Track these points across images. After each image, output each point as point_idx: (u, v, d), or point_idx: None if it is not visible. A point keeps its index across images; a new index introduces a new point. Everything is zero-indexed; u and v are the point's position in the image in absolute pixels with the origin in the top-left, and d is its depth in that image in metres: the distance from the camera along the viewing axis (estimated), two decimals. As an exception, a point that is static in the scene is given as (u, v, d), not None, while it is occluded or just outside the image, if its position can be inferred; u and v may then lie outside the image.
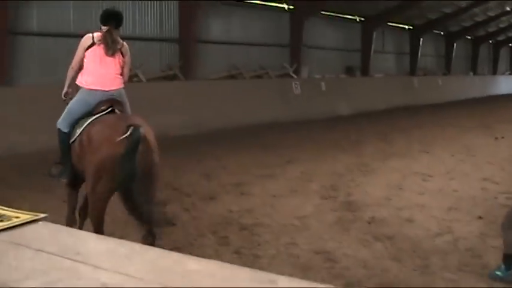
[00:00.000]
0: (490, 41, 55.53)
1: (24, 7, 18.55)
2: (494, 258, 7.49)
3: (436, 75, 43.64)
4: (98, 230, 6.58)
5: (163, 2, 22.83)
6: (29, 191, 10.74)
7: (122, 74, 7.55)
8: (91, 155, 6.56)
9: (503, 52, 60.42)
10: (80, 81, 7.40)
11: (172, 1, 23.04)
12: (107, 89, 7.24)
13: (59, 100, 8.06)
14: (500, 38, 56.21)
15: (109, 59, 7.36)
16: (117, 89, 7.39)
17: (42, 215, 2.25)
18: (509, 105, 35.04)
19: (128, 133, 6.20)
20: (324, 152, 16.15)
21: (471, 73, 51.71)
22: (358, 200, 10.39)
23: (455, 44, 47.43)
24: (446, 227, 8.76)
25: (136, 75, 20.92)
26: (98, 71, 7.28)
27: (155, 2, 22.48)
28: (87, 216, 7.30)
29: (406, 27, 40.92)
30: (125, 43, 7.90)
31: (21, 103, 16.10)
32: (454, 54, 47.55)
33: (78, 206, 7.75)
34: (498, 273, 6.74)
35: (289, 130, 21.19)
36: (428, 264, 7.23)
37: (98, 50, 7.33)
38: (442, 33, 46.29)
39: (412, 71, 40.77)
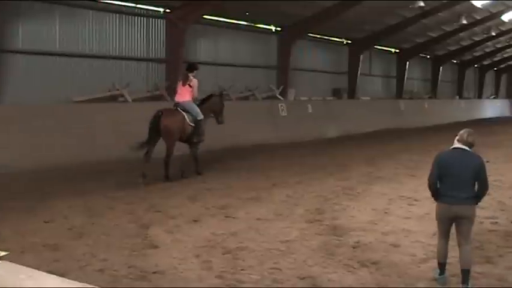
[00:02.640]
0: (476, 65, 55.88)
1: (9, 24, 18.43)
2: (479, 284, 7.44)
3: (422, 98, 43.82)
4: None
5: (151, 20, 22.76)
6: (11, 212, 10.65)
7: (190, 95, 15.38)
8: None
9: (489, 76, 60.79)
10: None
11: (159, 20, 22.97)
12: (180, 101, 15.38)
13: (44, 119, 8.08)
14: (486, 62, 56.59)
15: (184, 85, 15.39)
16: (186, 101, 15.30)
17: (3, 253, 2.15)
18: (495, 130, 35.16)
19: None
20: (310, 175, 16.06)
21: (457, 97, 51.97)
22: (344, 225, 10.30)
23: (441, 68, 47.75)
24: (432, 253, 8.65)
25: (122, 95, 20.81)
26: (179, 92, 15.46)
27: (142, 21, 22.41)
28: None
29: (393, 50, 41.13)
30: (193, 79, 15.42)
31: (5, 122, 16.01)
32: (440, 78, 47.85)
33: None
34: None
35: (275, 152, 21.15)
36: (413, 290, 7.14)
37: (180, 83, 15.56)
38: (428, 57, 46.55)
39: (399, 94, 40.93)
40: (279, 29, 28.91)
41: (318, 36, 32.29)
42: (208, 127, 16.12)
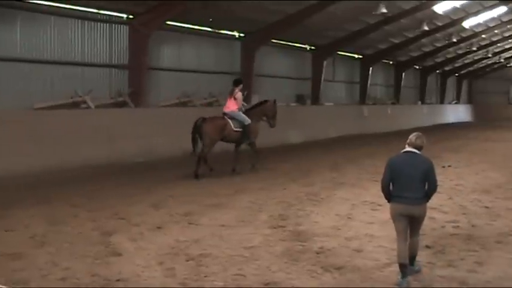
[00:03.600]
0: (438, 71, 56.49)
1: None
2: (442, 287, 7.53)
3: (385, 104, 44.16)
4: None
5: (114, 26, 22.58)
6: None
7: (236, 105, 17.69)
8: None
9: (450, 82, 61.49)
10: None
11: (122, 26, 22.79)
12: (227, 111, 17.56)
13: (5, 125, 7.99)
14: (447, 68, 57.24)
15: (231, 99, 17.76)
16: (232, 110, 17.57)
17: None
18: (457, 135, 35.63)
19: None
20: (274, 181, 16.11)
21: (419, 102, 52.47)
22: (307, 230, 10.33)
23: (404, 74, 48.17)
24: (395, 257, 8.71)
25: (84, 102, 20.62)
26: (227, 103, 17.75)
27: (105, 27, 22.23)
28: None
29: (356, 56, 41.39)
30: (238, 92, 17.89)
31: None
32: (402, 83, 48.27)
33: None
34: (405, 284, 7.58)
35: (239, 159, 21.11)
36: (377, 295, 7.20)
37: (228, 95, 17.89)
38: (391, 62, 46.94)
39: (362, 100, 41.20)
40: (242, 35, 28.91)
41: (282, 42, 32.34)
42: (171, 134, 16.21)
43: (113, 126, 19.91)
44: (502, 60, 59.54)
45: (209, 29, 27.46)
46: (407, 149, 7.87)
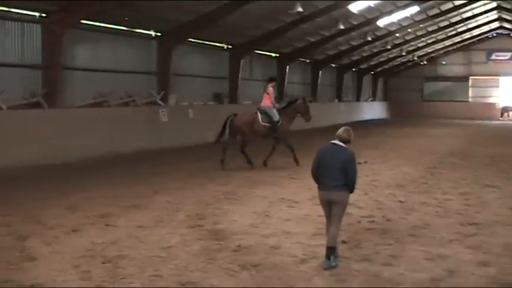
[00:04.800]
0: (354, 69, 57.41)
1: None
2: (358, 281, 7.69)
3: (302, 102, 44.51)
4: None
5: (26, 25, 22.04)
6: None
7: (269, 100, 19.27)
8: None
9: (366, 80, 62.60)
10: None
11: (35, 24, 22.24)
12: (262, 106, 19.36)
13: None
14: (363, 66, 58.23)
15: (266, 95, 19.31)
16: (266, 105, 19.26)
17: None
18: (372, 132, 36.32)
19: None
20: (192, 180, 16.06)
21: (336, 100, 53.20)
22: (225, 229, 10.35)
23: (320, 72, 48.73)
24: (312, 253, 8.89)
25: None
26: (263, 99, 19.54)
27: (17, 25, 21.70)
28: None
29: (273, 55, 41.62)
30: (270, 88, 19.47)
31: None
32: (319, 81, 48.82)
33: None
34: (333, 264, 8.20)
35: (157, 159, 21.02)
36: (293, 291, 7.26)
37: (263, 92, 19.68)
38: (308, 61, 47.40)
39: (280, 98, 41.39)
40: (159, 34, 28.70)
41: (199, 41, 32.27)
42: (87, 135, 15.93)
43: (26, 128, 19.43)
44: (416, 58, 61.08)
45: (125, 28, 27.16)
46: (334, 141, 8.58)
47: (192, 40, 31.15)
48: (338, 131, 8.64)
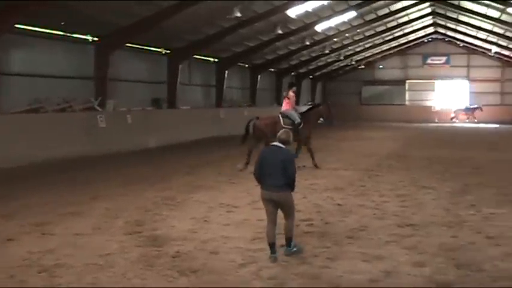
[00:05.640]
0: (293, 73, 57.71)
1: None
2: (296, 284, 7.76)
3: (242, 106, 44.60)
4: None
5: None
6: None
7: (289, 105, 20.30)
8: None
9: (305, 84, 63.02)
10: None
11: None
12: (283, 110, 20.24)
13: None
14: (302, 70, 58.61)
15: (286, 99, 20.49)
16: (286, 109, 20.20)
17: None
18: (312, 134, 36.52)
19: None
20: (131, 187, 15.91)
21: (275, 104, 53.34)
22: (164, 235, 10.31)
23: (259, 76, 48.82)
24: (250, 257, 8.93)
25: None
26: (283, 104, 20.60)
27: None
28: None
29: (212, 59, 41.57)
30: (290, 93, 20.54)
31: None
32: (258, 86, 48.91)
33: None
34: (294, 249, 9.04)
35: (95, 165, 20.76)
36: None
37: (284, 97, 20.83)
38: (247, 65, 47.48)
39: (219, 103, 41.40)
40: (96, 39, 28.36)
41: (137, 46, 32.01)
42: (23, 142, 15.63)
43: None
44: (354, 62, 61.91)
45: (62, 33, 26.74)
46: (275, 143, 9.16)
47: (130, 45, 30.86)
48: (278, 133, 9.28)
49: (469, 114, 60.17)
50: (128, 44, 29.99)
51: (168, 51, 34.71)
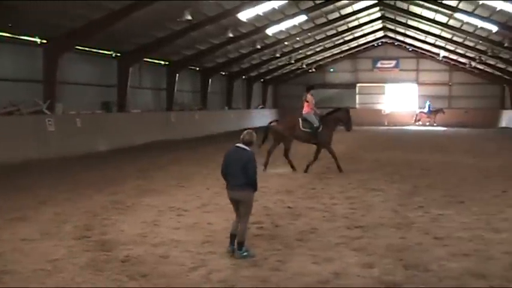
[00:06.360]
0: (244, 77, 57.79)
1: None
2: (246, 287, 7.73)
3: (192, 110, 44.52)
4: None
5: None
6: None
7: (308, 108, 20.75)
8: None
9: (256, 87, 63.14)
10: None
11: None
12: (303, 112, 20.70)
13: None
14: (253, 73, 58.72)
15: (305, 103, 20.82)
16: (307, 113, 20.64)
17: None
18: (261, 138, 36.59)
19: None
20: (80, 191, 15.70)
21: (226, 107, 53.41)
22: (113, 239, 10.22)
23: (210, 80, 48.75)
24: (201, 261, 8.91)
25: None
26: (304, 107, 20.91)
27: None
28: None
29: (163, 62, 41.38)
30: (309, 96, 20.99)
31: None
32: (209, 89, 48.84)
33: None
34: (245, 253, 9.10)
35: (43, 169, 20.47)
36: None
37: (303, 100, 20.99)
38: (198, 69, 47.37)
39: (169, 106, 41.21)
40: (44, 41, 27.99)
41: (86, 48, 31.72)
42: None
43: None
44: (305, 66, 62.24)
45: (9, 35, 26.35)
46: (238, 144, 9.45)
47: (80, 48, 30.58)
48: (242, 134, 9.59)
49: (431, 117, 60.97)
50: (77, 47, 29.71)
51: (118, 54, 34.46)
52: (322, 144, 20.70)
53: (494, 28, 38.87)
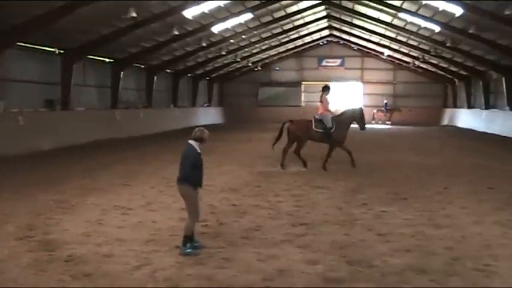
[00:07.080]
0: (189, 75, 57.58)
1: None
2: (190, 285, 7.81)
3: (138, 108, 44.21)
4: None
5: None
6: None
7: (323, 108, 21.06)
8: None
9: (202, 85, 62.99)
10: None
11: None
12: (319, 113, 21.09)
13: None
14: (199, 71, 58.53)
15: (320, 103, 21.28)
16: (321, 113, 20.97)
17: None
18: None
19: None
20: (22, 190, 15.43)
21: (172, 105, 53.15)
22: (56, 239, 10.11)
23: (155, 78, 48.41)
24: (145, 259, 8.90)
25: None
26: (319, 107, 21.36)
27: None
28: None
29: (108, 60, 40.94)
30: (325, 96, 21.05)
31: None
32: (155, 87, 48.49)
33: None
34: (188, 250, 9.20)
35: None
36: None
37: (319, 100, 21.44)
38: (143, 66, 47.02)
39: (114, 104, 40.81)
40: (-15, 38, 27.44)
41: (29, 45, 31.20)
42: None
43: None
44: (250, 64, 62.34)
45: None
46: (189, 140, 9.63)
47: (22, 44, 30.05)
48: (193, 131, 9.75)
49: (387, 115, 61.65)
50: (19, 43, 29.18)
51: (62, 51, 33.91)
52: (334, 144, 21.15)
53: (437, 28, 39.66)
